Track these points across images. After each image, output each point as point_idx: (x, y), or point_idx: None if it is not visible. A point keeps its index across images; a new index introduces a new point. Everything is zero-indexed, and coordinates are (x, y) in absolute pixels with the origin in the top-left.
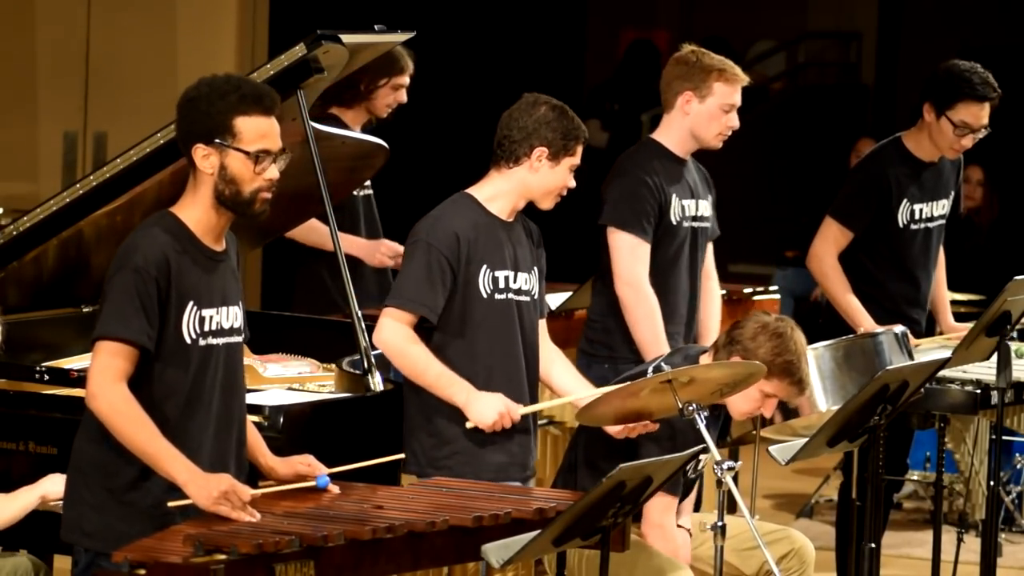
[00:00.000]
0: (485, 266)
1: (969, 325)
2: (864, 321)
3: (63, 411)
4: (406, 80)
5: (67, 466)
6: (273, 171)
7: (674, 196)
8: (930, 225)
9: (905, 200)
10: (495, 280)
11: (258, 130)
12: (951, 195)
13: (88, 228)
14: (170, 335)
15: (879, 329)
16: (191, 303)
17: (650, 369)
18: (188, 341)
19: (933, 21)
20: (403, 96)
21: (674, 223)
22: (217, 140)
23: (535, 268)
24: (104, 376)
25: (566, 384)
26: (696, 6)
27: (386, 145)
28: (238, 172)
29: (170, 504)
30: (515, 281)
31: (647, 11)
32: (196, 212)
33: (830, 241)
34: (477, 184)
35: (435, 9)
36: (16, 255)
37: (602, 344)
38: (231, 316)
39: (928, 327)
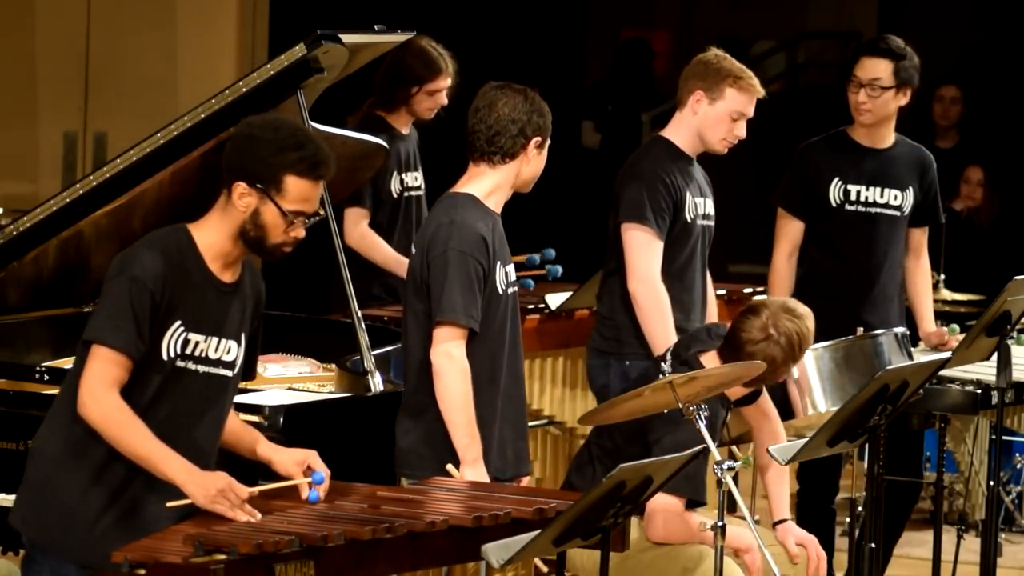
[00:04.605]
0: (499, 263)
1: (948, 328)
2: None
3: None
4: (442, 84)
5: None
6: (301, 231)
7: (688, 194)
8: (873, 211)
9: (836, 179)
10: (506, 275)
11: (303, 194)
12: (909, 189)
13: (88, 228)
14: (149, 345)
15: (879, 331)
16: (178, 323)
17: (667, 367)
18: (164, 358)
19: (933, 21)
20: (443, 99)
21: (689, 221)
22: (260, 186)
23: None
24: (97, 384)
25: None
26: (696, 6)
27: (385, 145)
28: (269, 223)
29: (168, 504)
30: (512, 273)
31: (647, 11)
32: (212, 236)
33: (783, 238)
34: (465, 182)
35: (435, 9)
36: (16, 255)
37: (614, 340)
38: (222, 348)
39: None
